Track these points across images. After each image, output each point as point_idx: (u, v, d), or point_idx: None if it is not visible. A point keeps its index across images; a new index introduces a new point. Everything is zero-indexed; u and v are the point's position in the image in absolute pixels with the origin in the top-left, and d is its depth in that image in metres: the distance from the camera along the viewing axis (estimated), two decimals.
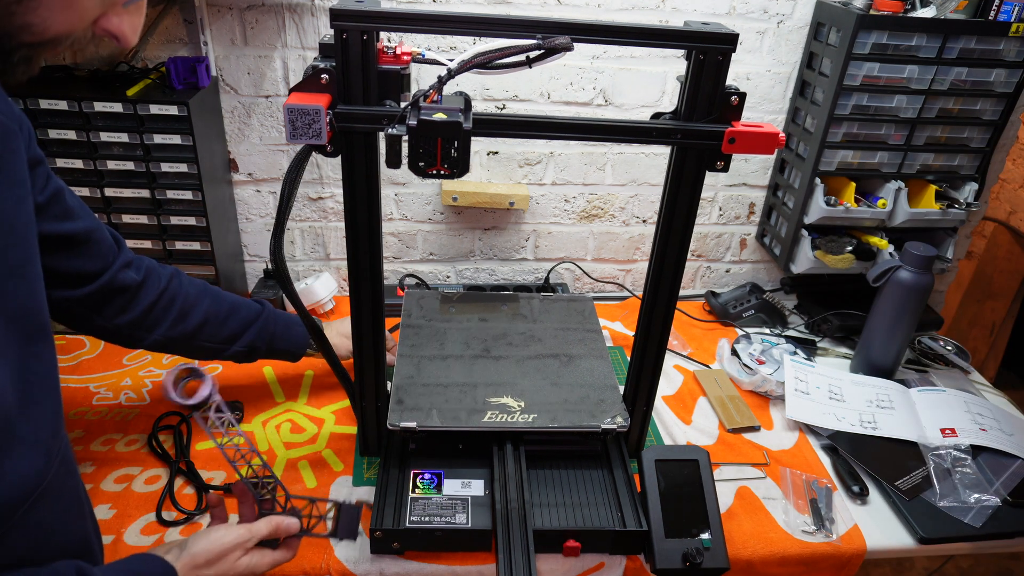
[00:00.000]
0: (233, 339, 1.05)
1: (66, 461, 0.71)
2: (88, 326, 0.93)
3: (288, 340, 1.13)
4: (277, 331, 1.11)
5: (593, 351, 1.20)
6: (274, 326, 1.10)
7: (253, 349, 1.08)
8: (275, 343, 1.11)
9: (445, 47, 1.41)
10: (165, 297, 0.98)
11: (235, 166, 1.50)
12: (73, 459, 0.75)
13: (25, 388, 0.63)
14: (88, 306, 0.90)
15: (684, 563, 0.95)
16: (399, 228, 1.61)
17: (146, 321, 0.96)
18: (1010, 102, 1.42)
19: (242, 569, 0.79)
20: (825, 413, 1.30)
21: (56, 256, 0.82)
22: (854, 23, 1.29)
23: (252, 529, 0.81)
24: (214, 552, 0.78)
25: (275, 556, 0.83)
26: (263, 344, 1.09)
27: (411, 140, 0.78)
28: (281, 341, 1.11)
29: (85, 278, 0.88)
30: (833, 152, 1.43)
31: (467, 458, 1.08)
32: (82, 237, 0.84)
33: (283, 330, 1.12)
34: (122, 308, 0.93)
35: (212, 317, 1.02)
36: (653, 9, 1.41)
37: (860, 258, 1.52)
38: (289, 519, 0.85)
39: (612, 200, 1.62)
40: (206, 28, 1.33)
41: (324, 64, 0.81)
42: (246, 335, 1.06)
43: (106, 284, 0.90)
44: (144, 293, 0.95)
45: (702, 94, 0.86)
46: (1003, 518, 1.12)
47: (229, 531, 0.80)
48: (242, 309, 1.07)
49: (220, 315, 1.04)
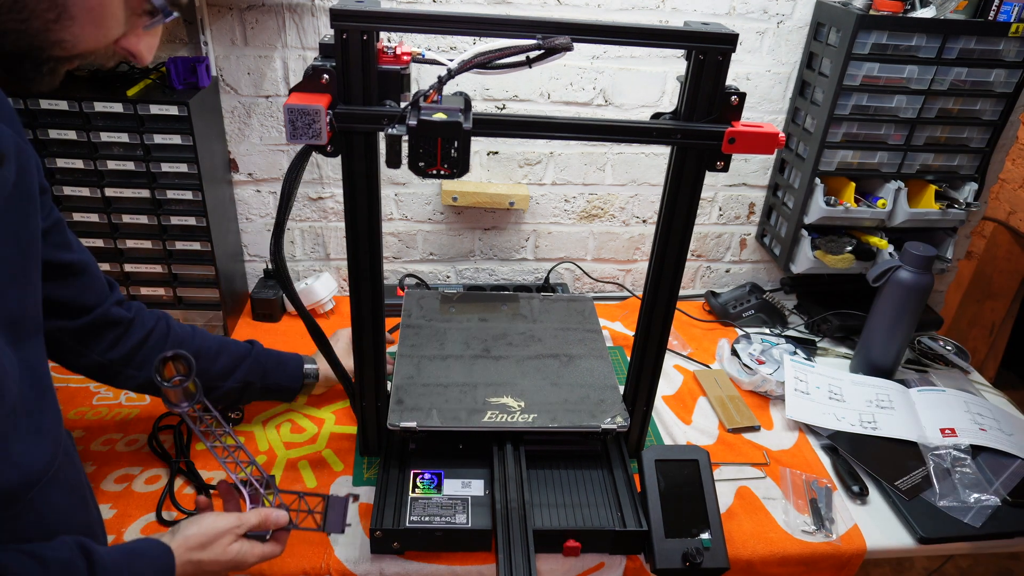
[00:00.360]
0: (226, 375, 1.05)
1: (69, 453, 0.74)
2: (78, 361, 0.94)
3: (282, 375, 1.13)
4: (269, 367, 1.10)
5: (593, 351, 1.20)
6: (266, 362, 1.10)
7: (247, 385, 1.07)
8: (268, 379, 1.10)
9: (445, 47, 1.41)
10: (155, 334, 0.98)
11: (235, 166, 1.50)
12: (75, 452, 0.78)
13: (32, 380, 0.67)
14: (79, 339, 0.91)
15: (684, 563, 0.95)
16: (399, 228, 1.61)
17: (136, 358, 0.96)
18: (1010, 102, 1.42)
19: (232, 555, 0.81)
20: (825, 413, 1.30)
21: (53, 284, 0.83)
22: (854, 23, 1.29)
23: (242, 517, 0.83)
24: (206, 535, 0.80)
25: (264, 549, 0.84)
26: (256, 379, 1.08)
27: (411, 140, 0.78)
28: (274, 376, 1.11)
29: (79, 310, 0.89)
30: (833, 152, 1.44)
31: (467, 458, 1.08)
32: (79, 268, 0.86)
33: (275, 366, 1.12)
34: (112, 343, 0.94)
35: (203, 352, 1.02)
36: (653, 9, 1.41)
37: (860, 258, 1.52)
38: (278, 511, 0.86)
39: (612, 200, 1.62)
40: (206, 28, 1.33)
41: (324, 64, 0.81)
42: (239, 371, 1.06)
43: (99, 317, 0.91)
44: (134, 329, 0.96)
45: (702, 94, 0.86)
46: (1003, 518, 1.12)
47: (220, 517, 0.82)
48: (232, 346, 1.07)
49: (211, 351, 1.03)
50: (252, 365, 1.07)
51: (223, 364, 1.04)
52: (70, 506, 0.73)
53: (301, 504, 0.89)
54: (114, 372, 0.96)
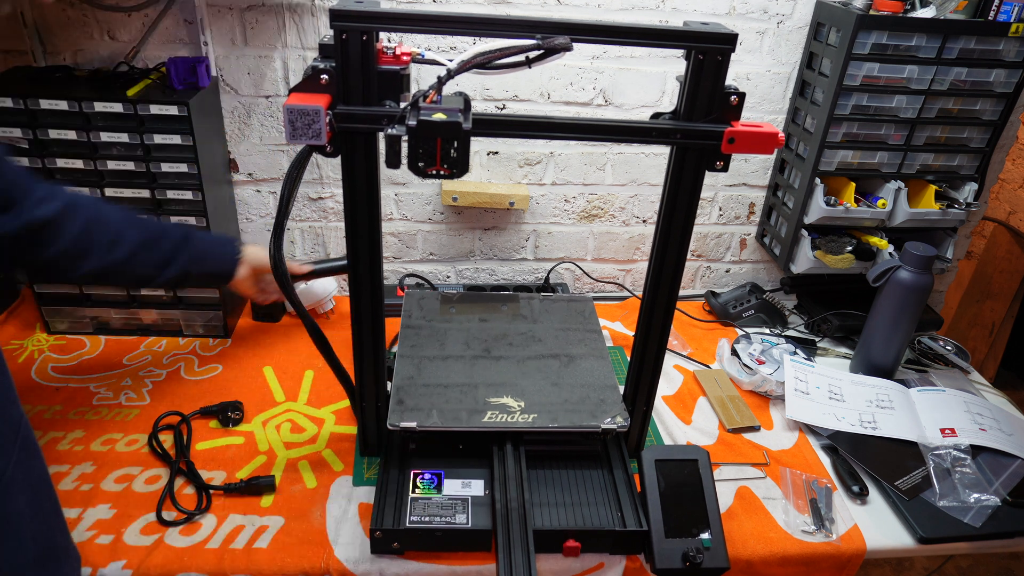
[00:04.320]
0: (165, 263, 1.01)
1: (28, 446, 0.71)
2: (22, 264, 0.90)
3: (217, 261, 1.10)
4: (206, 250, 1.08)
5: (593, 351, 1.20)
6: (202, 245, 1.07)
7: (185, 273, 1.04)
8: (205, 265, 1.08)
9: (445, 47, 1.41)
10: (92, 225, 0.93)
11: (235, 166, 1.50)
12: (35, 442, 0.73)
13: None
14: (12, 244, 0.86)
15: (684, 563, 0.95)
16: (399, 228, 1.61)
17: (76, 250, 0.91)
18: (1010, 102, 1.42)
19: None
20: (825, 413, 1.30)
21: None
22: (854, 23, 1.29)
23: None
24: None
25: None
26: (194, 267, 1.05)
27: (411, 140, 0.78)
28: (211, 263, 1.09)
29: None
30: (833, 152, 1.44)
31: (467, 458, 1.08)
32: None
33: (212, 249, 1.09)
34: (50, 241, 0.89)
35: (143, 242, 0.98)
36: (653, 9, 1.41)
37: (860, 258, 1.52)
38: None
39: (612, 200, 1.62)
40: (206, 28, 1.33)
41: (324, 64, 0.81)
42: (178, 258, 1.02)
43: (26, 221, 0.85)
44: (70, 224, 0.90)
45: (701, 94, 0.86)
46: (1003, 518, 1.12)
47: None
48: (169, 232, 1.03)
49: (150, 240, 0.99)
50: (190, 252, 1.04)
51: (163, 252, 1.01)
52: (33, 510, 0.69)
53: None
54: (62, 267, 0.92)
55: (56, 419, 1.18)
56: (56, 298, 1.37)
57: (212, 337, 1.42)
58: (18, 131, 1.22)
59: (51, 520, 0.73)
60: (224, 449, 1.15)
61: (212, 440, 1.16)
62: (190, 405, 1.21)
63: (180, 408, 1.20)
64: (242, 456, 1.13)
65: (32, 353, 1.34)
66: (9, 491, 0.65)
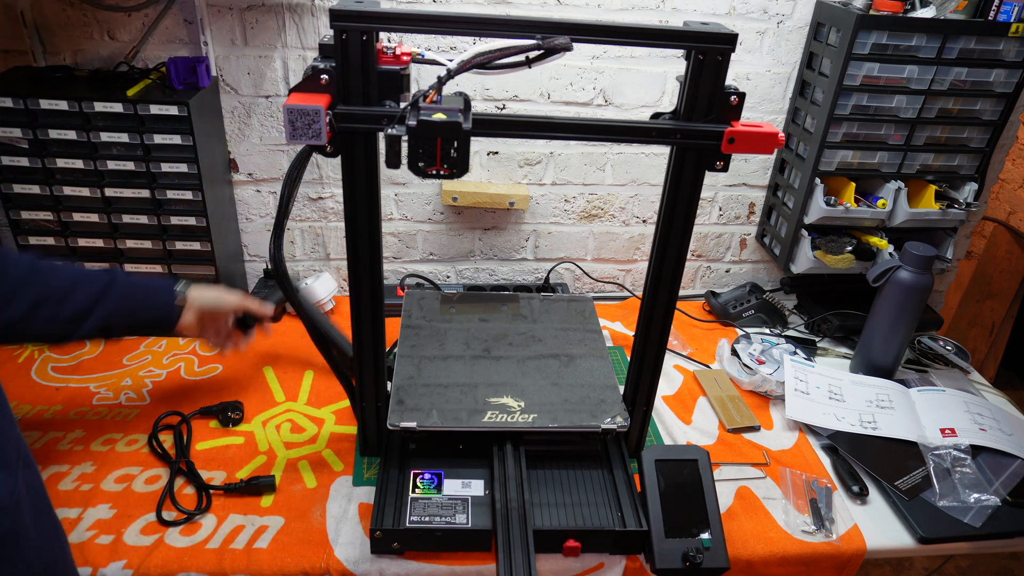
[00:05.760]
0: (81, 318, 0.92)
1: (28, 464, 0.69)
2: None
3: (149, 309, 1.00)
4: (136, 302, 0.98)
5: (593, 351, 1.20)
6: (131, 296, 0.97)
7: (110, 327, 0.95)
8: (136, 315, 0.98)
9: (445, 47, 1.41)
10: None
11: (235, 166, 1.50)
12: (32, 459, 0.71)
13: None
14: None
15: (684, 563, 0.95)
16: (399, 228, 1.61)
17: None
18: (1010, 102, 1.42)
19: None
20: (825, 413, 1.30)
21: None
22: (854, 23, 1.29)
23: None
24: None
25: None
26: (123, 319, 0.96)
27: (411, 140, 0.78)
28: (141, 313, 0.98)
29: None
30: (833, 152, 1.44)
31: (467, 458, 1.08)
32: None
33: (143, 297, 0.99)
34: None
35: (46, 297, 0.89)
36: (653, 9, 1.41)
37: (860, 258, 1.52)
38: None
39: (612, 200, 1.62)
40: (206, 28, 1.33)
41: (324, 64, 0.81)
42: (96, 311, 0.93)
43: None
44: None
45: (701, 94, 0.86)
46: (1002, 518, 1.12)
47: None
48: (86, 282, 0.94)
49: (56, 293, 0.90)
50: (114, 303, 0.95)
51: (76, 305, 0.92)
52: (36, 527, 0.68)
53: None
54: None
55: (56, 419, 1.18)
56: None
57: None
58: (18, 131, 1.22)
59: (49, 533, 0.72)
60: (224, 449, 1.15)
61: (212, 440, 1.16)
62: (190, 405, 1.21)
63: (180, 408, 1.20)
64: (242, 456, 1.13)
65: (32, 353, 1.34)
66: (20, 508, 0.65)
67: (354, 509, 1.05)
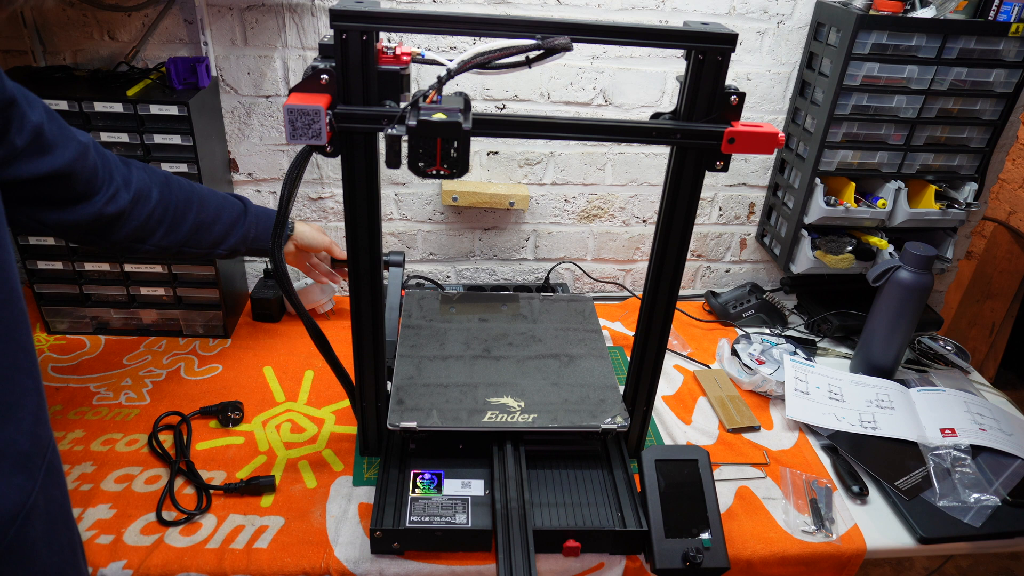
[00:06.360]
0: (217, 243, 1.06)
1: (53, 471, 0.66)
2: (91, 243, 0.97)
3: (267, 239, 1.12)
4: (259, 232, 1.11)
5: (593, 351, 1.20)
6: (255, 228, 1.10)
7: (234, 251, 1.10)
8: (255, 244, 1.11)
9: (445, 47, 1.41)
10: (157, 211, 0.98)
11: (235, 166, 1.50)
12: (60, 466, 0.69)
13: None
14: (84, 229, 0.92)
15: (684, 563, 0.95)
16: (399, 228, 1.61)
17: (140, 234, 0.98)
18: (1010, 102, 1.42)
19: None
20: (825, 413, 1.30)
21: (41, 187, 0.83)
22: (854, 23, 1.29)
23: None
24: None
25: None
26: (243, 245, 1.10)
27: (411, 140, 0.78)
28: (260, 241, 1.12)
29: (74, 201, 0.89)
30: (833, 152, 1.44)
31: (467, 458, 1.08)
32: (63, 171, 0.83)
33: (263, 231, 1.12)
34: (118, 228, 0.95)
35: (200, 225, 1.03)
36: (653, 9, 1.41)
37: (860, 258, 1.52)
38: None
39: (612, 200, 1.62)
40: (206, 28, 1.33)
41: (324, 64, 0.81)
42: (229, 238, 1.07)
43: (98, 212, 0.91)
44: (137, 211, 0.96)
45: (701, 94, 0.86)
46: (1002, 518, 1.12)
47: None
48: (225, 212, 1.07)
49: (207, 222, 1.04)
50: (243, 233, 1.09)
51: (216, 234, 1.06)
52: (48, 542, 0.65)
53: None
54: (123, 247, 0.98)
55: (56, 419, 1.18)
56: (56, 298, 1.37)
57: (212, 337, 1.42)
58: None
59: (66, 555, 0.68)
60: (224, 449, 1.15)
61: (212, 440, 1.16)
62: (190, 405, 1.21)
63: (180, 408, 1.20)
64: (242, 456, 1.13)
65: None
66: (31, 518, 0.61)
67: (354, 509, 1.05)
